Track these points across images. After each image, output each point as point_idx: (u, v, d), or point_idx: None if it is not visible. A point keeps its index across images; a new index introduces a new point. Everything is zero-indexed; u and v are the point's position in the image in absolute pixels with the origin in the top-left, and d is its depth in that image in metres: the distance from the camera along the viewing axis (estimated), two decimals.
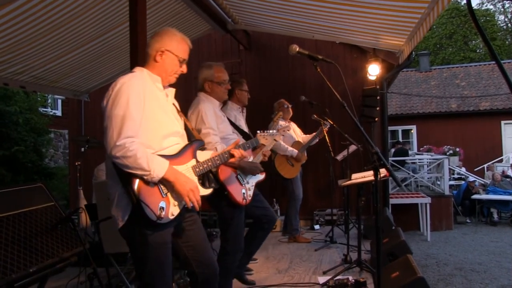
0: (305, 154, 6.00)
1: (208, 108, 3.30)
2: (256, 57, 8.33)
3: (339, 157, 6.45)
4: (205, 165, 2.45)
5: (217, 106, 3.46)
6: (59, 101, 16.19)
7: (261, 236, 3.86)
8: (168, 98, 2.47)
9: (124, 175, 2.13)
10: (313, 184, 7.80)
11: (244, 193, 3.32)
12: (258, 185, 3.60)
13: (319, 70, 2.45)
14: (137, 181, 2.11)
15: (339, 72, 2.47)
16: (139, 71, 2.37)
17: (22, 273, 2.90)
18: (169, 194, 2.22)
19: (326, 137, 5.58)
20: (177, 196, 2.24)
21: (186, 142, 2.46)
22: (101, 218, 3.70)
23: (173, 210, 2.23)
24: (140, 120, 2.16)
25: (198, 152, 2.50)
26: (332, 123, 5.37)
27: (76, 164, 6.39)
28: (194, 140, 2.50)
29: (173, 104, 2.54)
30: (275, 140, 3.20)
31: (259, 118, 5.28)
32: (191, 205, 2.24)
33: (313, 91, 7.49)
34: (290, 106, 5.97)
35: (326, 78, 2.44)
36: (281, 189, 6.33)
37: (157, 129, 2.26)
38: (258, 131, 3.12)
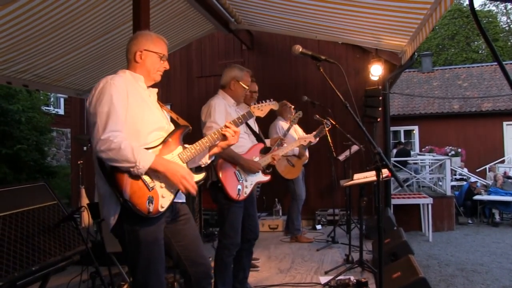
0: (307, 154, 6.00)
1: (219, 104, 3.38)
2: (258, 57, 8.34)
3: (341, 157, 6.45)
4: (192, 150, 2.41)
5: (232, 104, 3.52)
6: (62, 100, 16.21)
7: (247, 248, 3.78)
8: (151, 98, 2.45)
9: (109, 174, 2.14)
10: (315, 184, 7.80)
11: (239, 189, 3.37)
12: (261, 184, 3.62)
13: (321, 70, 2.45)
14: (122, 179, 2.12)
15: (341, 72, 2.49)
16: (121, 72, 2.40)
17: (24, 271, 2.91)
18: (155, 187, 2.21)
19: (328, 137, 5.58)
20: (169, 186, 2.25)
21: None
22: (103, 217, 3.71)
23: (162, 202, 2.23)
24: (124, 116, 2.19)
25: None
26: (334, 123, 5.37)
27: (79, 163, 6.41)
28: (179, 126, 2.47)
29: (157, 101, 2.53)
30: (272, 108, 3.11)
31: (261, 118, 5.26)
32: (186, 191, 2.24)
33: (315, 91, 7.51)
34: (292, 107, 5.98)
35: (328, 78, 2.43)
36: (283, 189, 6.33)
37: (142, 125, 2.27)
38: (252, 104, 3.05)
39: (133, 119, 2.23)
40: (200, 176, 2.42)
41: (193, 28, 6.49)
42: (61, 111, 16.26)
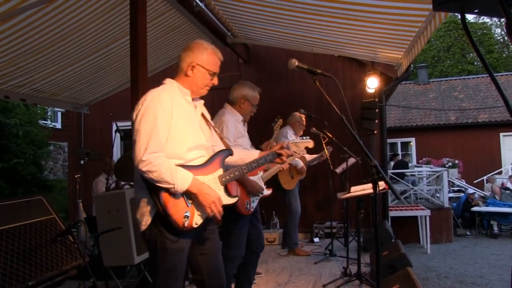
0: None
1: (231, 121, 3.43)
2: (255, 70, 8.37)
3: (338, 170, 6.46)
4: (231, 175, 2.49)
5: (240, 121, 3.56)
6: (59, 114, 16.23)
7: (253, 260, 3.79)
8: (196, 110, 2.51)
9: (151, 186, 2.20)
10: (313, 196, 7.79)
11: (248, 204, 3.39)
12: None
13: (317, 84, 2.47)
14: (164, 193, 2.19)
15: (338, 85, 2.49)
16: (169, 84, 2.42)
17: (21, 286, 2.90)
18: (193, 204, 2.28)
19: (325, 150, 5.59)
20: (201, 206, 2.30)
21: (211, 154, 2.49)
22: (101, 231, 3.70)
23: (197, 220, 2.29)
24: (166, 136, 2.22)
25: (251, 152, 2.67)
26: (331, 136, 5.38)
27: (76, 177, 6.39)
28: (222, 150, 2.54)
29: (203, 115, 2.58)
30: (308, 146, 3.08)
31: (258, 131, 5.28)
32: (212, 214, 2.30)
33: (312, 104, 7.53)
34: (303, 125, 5.99)
35: (325, 91, 2.45)
36: (281, 203, 6.33)
37: (183, 142, 2.30)
38: (290, 138, 3.07)
39: (175, 136, 2.26)
40: (233, 200, 2.49)
41: (190, 42, 6.52)
42: (58, 125, 16.26)
